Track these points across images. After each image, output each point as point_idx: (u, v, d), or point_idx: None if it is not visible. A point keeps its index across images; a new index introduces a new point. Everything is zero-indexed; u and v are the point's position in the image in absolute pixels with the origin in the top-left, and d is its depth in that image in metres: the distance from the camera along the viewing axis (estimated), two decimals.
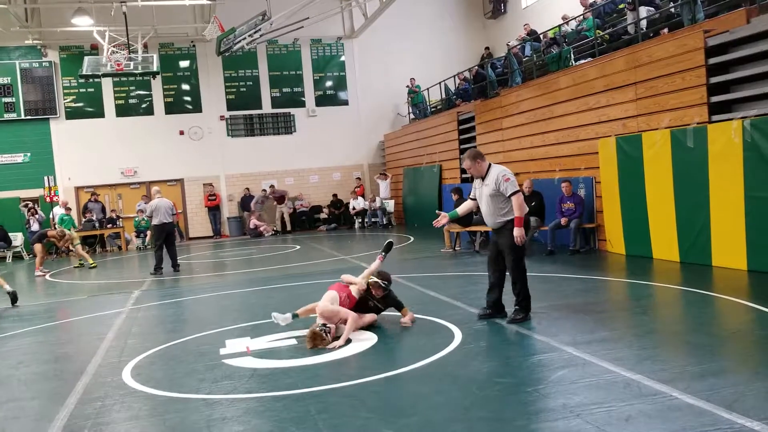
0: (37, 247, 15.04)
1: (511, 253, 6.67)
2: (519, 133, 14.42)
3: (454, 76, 20.08)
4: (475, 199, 7.04)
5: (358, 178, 23.08)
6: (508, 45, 17.78)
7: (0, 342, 7.92)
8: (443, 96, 20.45)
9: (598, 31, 13.36)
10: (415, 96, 22.25)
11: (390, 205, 21.64)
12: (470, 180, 15.36)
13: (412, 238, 16.74)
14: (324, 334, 6.30)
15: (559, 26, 15.13)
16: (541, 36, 16.10)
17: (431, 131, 19.74)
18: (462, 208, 7.35)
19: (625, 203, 10.72)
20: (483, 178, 6.75)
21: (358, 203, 22.02)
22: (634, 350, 5.46)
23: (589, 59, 12.98)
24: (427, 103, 21.74)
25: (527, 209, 6.75)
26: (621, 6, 13.37)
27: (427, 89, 21.52)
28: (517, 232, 6.55)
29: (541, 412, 4.23)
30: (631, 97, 10.89)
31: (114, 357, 6.55)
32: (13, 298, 10.22)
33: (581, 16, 14.54)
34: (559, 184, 11.87)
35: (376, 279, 6.92)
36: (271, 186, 22.38)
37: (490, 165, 6.77)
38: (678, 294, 7.92)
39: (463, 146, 17.61)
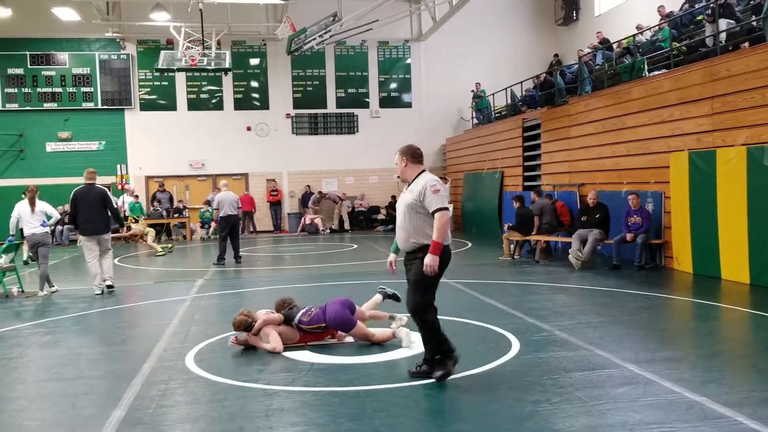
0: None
1: (415, 289, 5.16)
2: (586, 143, 14.17)
3: (521, 83, 19.88)
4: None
5: None
6: (579, 53, 17.49)
7: (72, 321, 8.29)
8: (509, 102, 20.28)
9: (674, 42, 13.01)
10: (479, 101, 22.13)
11: (449, 209, 21.55)
12: (533, 187, 15.27)
13: (469, 244, 16.65)
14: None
15: (634, 36, 14.79)
16: (614, 45, 15.78)
17: (494, 137, 19.59)
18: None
19: (695, 220, 10.41)
20: (409, 184, 5.33)
21: None
22: (698, 371, 5.30)
23: (664, 71, 12.65)
24: (492, 109, 21.58)
25: (449, 240, 5.17)
26: (699, 18, 12.98)
27: (493, 94, 21.37)
28: (430, 260, 4.99)
29: (600, 428, 4.16)
30: (707, 112, 10.56)
31: (177, 342, 6.76)
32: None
33: (657, 27, 14.18)
34: (627, 197, 11.61)
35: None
36: (320, 192, 22.67)
37: (423, 171, 5.36)
38: (746, 317, 7.64)
39: (526, 153, 17.42)
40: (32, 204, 10.25)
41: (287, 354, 6.14)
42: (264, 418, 4.52)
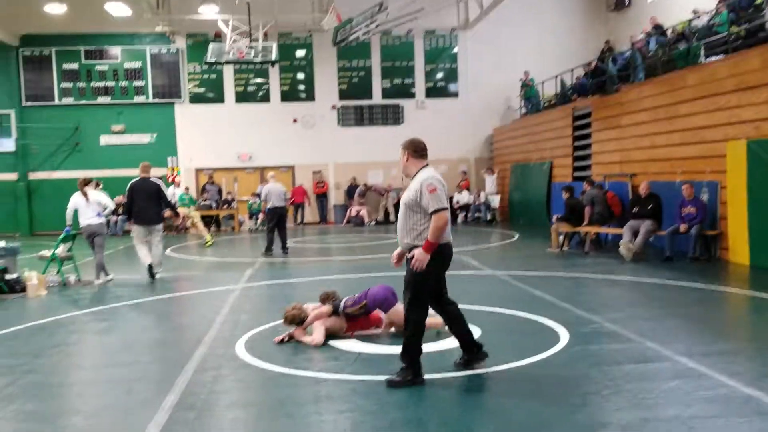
0: None
1: (409, 289, 4.97)
2: (639, 131, 13.84)
3: (571, 70, 19.51)
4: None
5: (464, 172, 22.93)
6: (631, 38, 17.07)
7: (127, 309, 8.53)
8: (558, 90, 19.93)
9: (732, 26, 12.57)
10: (528, 89, 21.81)
11: (495, 201, 21.38)
12: (582, 178, 14.99)
13: (517, 235, 16.49)
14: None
15: (689, 20, 14.35)
16: (668, 30, 15.34)
17: (543, 126, 19.31)
18: None
19: (752, 211, 10.07)
20: (412, 180, 5.13)
21: (462, 197, 21.90)
22: (755, 365, 5.16)
23: (721, 56, 12.24)
24: (541, 98, 21.26)
25: (449, 238, 5.00)
26: (759, 1, 12.50)
27: (542, 83, 21.03)
28: (419, 254, 4.82)
29: (651, 422, 4.08)
30: (766, 99, 10.19)
31: (228, 330, 6.89)
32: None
33: (714, 10, 13.72)
34: (680, 187, 11.31)
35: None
36: (365, 184, 22.71)
37: (425, 167, 5.14)
38: None
39: (576, 143, 17.12)
40: (84, 194, 10.55)
41: (335, 343, 6.20)
42: (313, 405, 4.58)
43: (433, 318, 6.41)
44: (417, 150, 5.19)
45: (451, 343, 6.10)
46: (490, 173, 21.91)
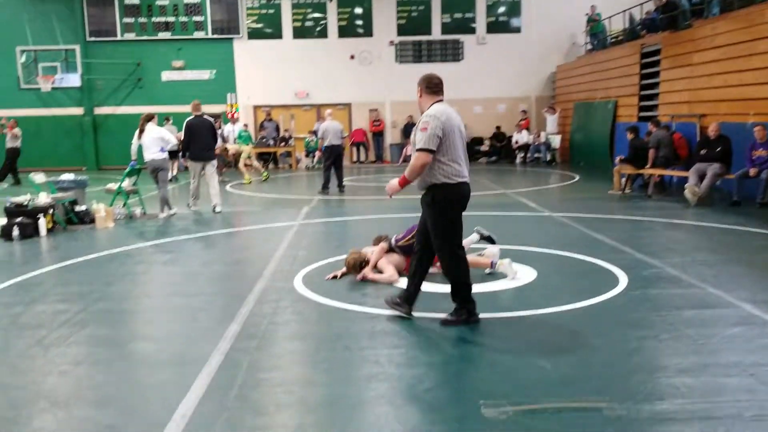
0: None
1: (434, 231, 4.90)
2: (711, 70, 13.16)
3: (641, 5, 18.57)
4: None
5: (524, 111, 22.41)
6: None
7: (191, 242, 8.82)
8: (626, 26, 19.06)
9: None
10: (594, 25, 20.91)
11: (555, 141, 20.90)
12: (648, 118, 14.46)
13: (577, 177, 16.15)
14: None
15: None
16: None
17: (609, 64, 18.57)
18: None
19: None
20: None
21: (521, 137, 21.48)
22: None
23: None
24: (608, 34, 20.39)
25: (462, 177, 4.86)
26: None
27: (609, 18, 20.11)
28: (391, 184, 5.00)
29: (710, 367, 4.03)
30: None
31: (286, 265, 7.06)
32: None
33: None
34: (752, 129, 10.79)
35: None
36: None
37: (437, 102, 5.03)
38: None
39: (644, 81, 16.45)
40: (141, 131, 10.80)
41: None
42: (368, 339, 4.69)
43: (481, 258, 6.44)
44: (430, 85, 5.05)
45: (504, 284, 6.11)
46: (552, 112, 21.35)
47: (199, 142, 11.20)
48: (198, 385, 3.87)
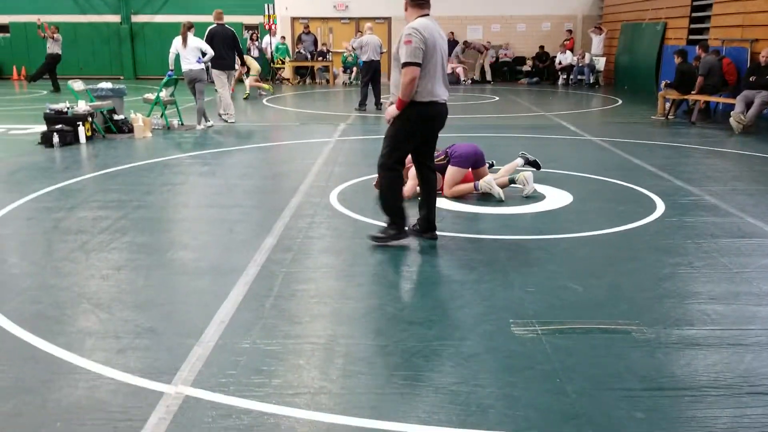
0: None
1: (385, 143, 4.89)
2: None
3: None
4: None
5: (569, 31, 21.60)
6: None
7: (228, 155, 8.91)
8: None
9: None
10: None
11: (600, 63, 20.23)
12: (698, 42, 13.86)
13: (620, 101, 15.71)
14: None
15: None
16: None
17: None
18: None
19: None
20: None
21: (565, 58, 20.81)
22: None
23: None
24: None
25: (437, 96, 4.79)
26: None
27: None
28: (390, 110, 4.78)
29: (743, 296, 4.01)
30: None
31: (322, 181, 7.11)
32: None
33: None
34: None
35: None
36: (465, 42, 21.73)
37: (422, 17, 4.75)
38: None
39: (695, 3, 15.66)
40: (184, 39, 10.72)
41: None
42: (402, 256, 4.75)
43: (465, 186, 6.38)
44: None
45: (536, 207, 6.09)
46: (598, 32, 20.54)
47: (219, 50, 11.28)
48: (235, 294, 4.00)
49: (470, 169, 6.50)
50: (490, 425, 2.66)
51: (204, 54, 10.98)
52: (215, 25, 11.51)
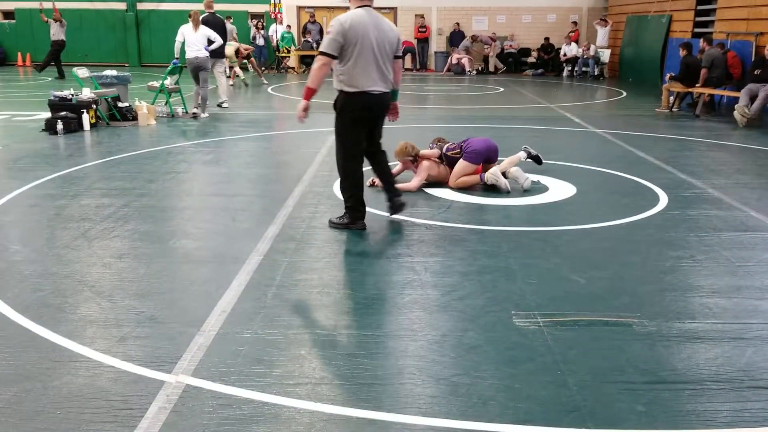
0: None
1: (335, 135, 5.06)
2: None
3: None
4: None
5: (574, 23, 21.50)
6: None
7: (232, 143, 8.90)
8: None
9: None
10: None
11: (605, 55, 20.14)
12: (702, 35, 13.78)
13: (624, 93, 15.66)
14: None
15: None
16: None
17: None
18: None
19: None
20: None
21: (570, 49, 20.71)
22: None
23: None
24: None
25: (366, 87, 4.79)
26: None
27: None
28: (301, 106, 4.92)
29: (745, 289, 4.01)
30: None
31: (326, 171, 7.10)
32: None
33: None
34: None
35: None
36: (473, 36, 21.61)
37: (360, 7, 4.86)
38: None
39: None
40: (196, 25, 10.68)
41: (429, 191, 6.30)
42: (405, 247, 4.75)
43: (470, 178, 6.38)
44: None
45: (541, 198, 6.08)
46: (603, 25, 20.46)
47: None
48: (237, 283, 4.00)
49: (481, 164, 6.49)
50: (491, 417, 2.66)
51: (210, 42, 10.93)
52: (207, 14, 11.80)
